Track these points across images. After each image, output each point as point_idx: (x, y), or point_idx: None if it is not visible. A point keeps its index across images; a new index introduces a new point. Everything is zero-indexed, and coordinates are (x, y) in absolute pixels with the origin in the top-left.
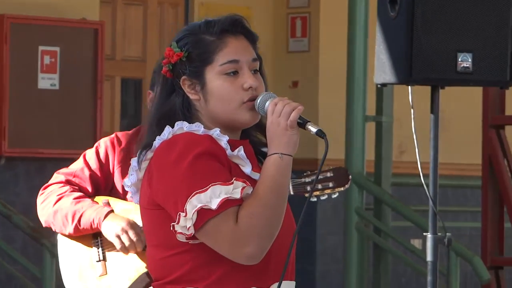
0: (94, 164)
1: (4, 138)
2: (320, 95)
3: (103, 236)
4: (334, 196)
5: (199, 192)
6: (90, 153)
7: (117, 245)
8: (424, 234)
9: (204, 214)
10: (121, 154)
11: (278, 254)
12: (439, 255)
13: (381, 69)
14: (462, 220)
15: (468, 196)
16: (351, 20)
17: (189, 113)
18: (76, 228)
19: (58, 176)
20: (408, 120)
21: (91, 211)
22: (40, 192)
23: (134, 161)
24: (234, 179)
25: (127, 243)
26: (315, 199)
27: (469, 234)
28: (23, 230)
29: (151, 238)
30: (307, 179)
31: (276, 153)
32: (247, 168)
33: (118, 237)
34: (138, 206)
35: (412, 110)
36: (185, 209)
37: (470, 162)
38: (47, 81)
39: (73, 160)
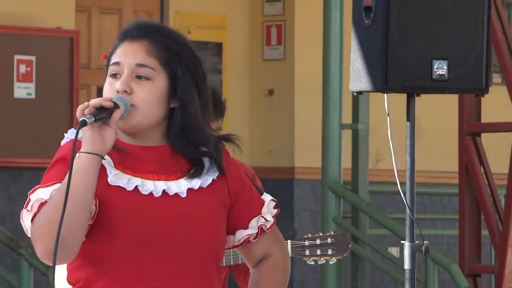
0: None
1: None
2: (296, 103)
3: None
4: (331, 262)
5: (30, 194)
6: None
7: None
8: (402, 242)
9: (31, 217)
10: None
11: (151, 261)
12: (416, 263)
13: (357, 77)
14: (440, 228)
15: (445, 204)
16: (326, 28)
17: None
18: None
19: None
20: (384, 128)
21: None
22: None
23: None
24: (56, 182)
25: None
26: (312, 263)
27: (447, 241)
28: (0, 240)
29: None
30: (307, 243)
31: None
32: (111, 174)
33: None
34: None
35: (388, 118)
36: (21, 214)
37: (447, 169)
38: (23, 90)
39: None
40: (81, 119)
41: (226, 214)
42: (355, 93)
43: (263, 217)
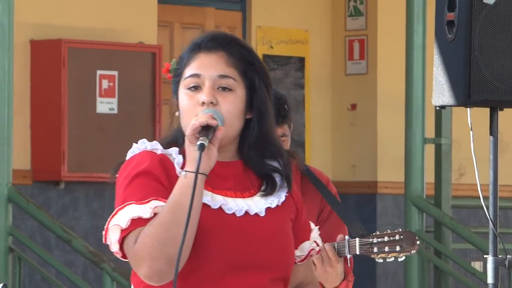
0: None
1: (64, 162)
2: (379, 117)
3: None
4: (400, 259)
5: (118, 210)
6: None
7: None
8: (485, 256)
9: (120, 233)
10: None
11: (234, 280)
12: (500, 277)
13: (440, 91)
14: None
15: None
16: (408, 43)
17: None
18: None
19: None
20: (467, 142)
21: None
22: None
23: None
24: (153, 199)
25: None
26: (381, 260)
27: None
28: (83, 255)
29: None
30: (375, 240)
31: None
32: None
33: None
34: None
35: (471, 132)
36: (106, 226)
37: None
38: (105, 105)
39: None
40: (199, 143)
41: None
42: (437, 108)
43: (315, 241)
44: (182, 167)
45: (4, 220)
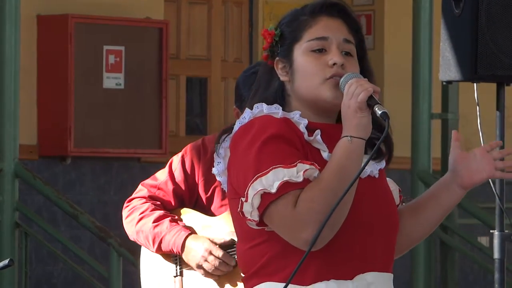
0: (178, 176)
1: (70, 138)
2: (386, 92)
3: None
4: None
5: (261, 176)
6: (176, 163)
7: (202, 273)
8: (491, 231)
9: (265, 198)
10: (205, 165)
11: (364, 242)
12: (506, 252)
13: (446, 66)
14: None
15: None
16: (415, 18)
17: (283, 100)
18: (158, 250)
19: (142, 189)
20: (474, 117)
21: (170, 236)
22: (125, 205)
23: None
24: (299, 162)
25: (210, 270)
26: None
27: None
28: (89, 230)
29: (237, 230)
30: None
31: (346, 136)
32: (325, 153)
33: (200, 266)
34: (218, 221)
35: (477, 107)
36: (246, 193)
37: None
38: (112, 81)
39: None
40: (383, 111)
41: None
42: (444, 83)
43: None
44: (308, 132)
45: (11, 196)
